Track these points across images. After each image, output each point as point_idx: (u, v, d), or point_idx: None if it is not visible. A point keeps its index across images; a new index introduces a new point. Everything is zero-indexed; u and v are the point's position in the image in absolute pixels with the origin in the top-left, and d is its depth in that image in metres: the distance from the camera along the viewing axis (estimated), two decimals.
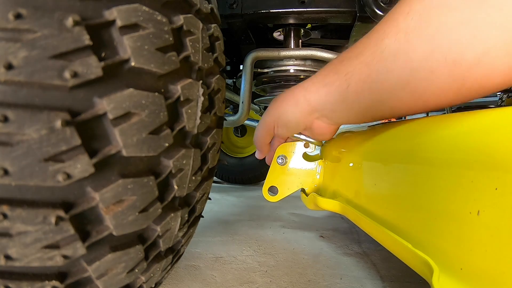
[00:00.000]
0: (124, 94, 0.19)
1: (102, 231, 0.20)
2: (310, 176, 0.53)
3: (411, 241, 0.24)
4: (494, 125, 0.20)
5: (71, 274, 0.20)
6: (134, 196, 0.20)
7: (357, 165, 0.39)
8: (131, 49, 0.19)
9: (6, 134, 0.16)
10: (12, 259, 0.18)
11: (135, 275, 0.23)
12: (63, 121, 0.17)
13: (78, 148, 0.17)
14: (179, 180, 0.23)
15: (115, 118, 0.18)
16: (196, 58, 0.23)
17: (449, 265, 0.20)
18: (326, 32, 0.69)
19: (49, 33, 0.16)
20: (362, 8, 0.49)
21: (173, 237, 0.26)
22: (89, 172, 0.18)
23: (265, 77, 0.65)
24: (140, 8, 0.19)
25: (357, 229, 0.66)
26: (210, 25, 0.27)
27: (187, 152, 0.23)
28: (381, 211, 0.31)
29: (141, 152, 0.20)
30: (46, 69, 0.16)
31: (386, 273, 0.44)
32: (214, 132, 0.27)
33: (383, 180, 0.32)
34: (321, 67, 0.63)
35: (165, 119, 0.21)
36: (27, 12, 0.16)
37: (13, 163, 0.16)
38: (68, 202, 0.18)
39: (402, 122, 0.32)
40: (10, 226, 0.17)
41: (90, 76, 0.17)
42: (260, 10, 0.53)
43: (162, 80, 0.21)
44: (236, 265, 0.46)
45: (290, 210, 0.85)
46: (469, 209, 0.19)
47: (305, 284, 0.40)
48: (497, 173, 0.18)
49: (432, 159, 0.24)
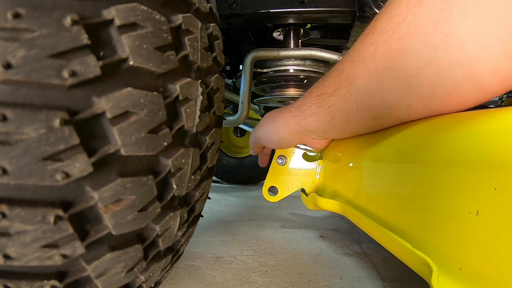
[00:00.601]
0: (123, 93, 0.19)
1: (101, 231, 0.20)
2: (310, 176, 0.53)
3: (410, 241, 0.24)
4: (494, 125, 0.20)
5: (70, 273, 0.20)
6: (133, 195, 0.20)
7: (357, 165, 0.39)
8: (129, 48, 0.19)
9: (5, 133, 0.16)
10: (11, 259, 0.18)
11: (134, 275, 0.23)
12: (61, 120, 0.17)
13: (77, 147, 0.17)
14: (178, 179, 0.23)
15: (114, 117, 0.18)
16: (195, 57, 0.23)
17: (448, 265, 0.20)
18: (325, 32, 0.68)
19: (47, 32, 0.16)
20: (362, 8, 0.49)
21: (173, 236, 0.26)
22: (87, 171, 0.18)
23: (265, 77, 0.65)
24: (139, 7, 0.19)
25: (357, 229, 0.66)
26: (209, 25, 0.27)
27: (186, 151, 0.23)
28: (380, 211, 0.31)
29: (139, 151, 0.20)
30: (44, 68, 0.16)
31: (386, 273, 0.44)
32: (213, 131, 0.27)
33: (382, 180, 0.32)
34: (321, 67, 0.63)
35: (164, 118, 0.21)
36: (26, 11, 0.16)
37: (12, 162, 0.16)
38: (67, 201, 0.18)
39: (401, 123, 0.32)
40: (9, 226, 0.17)
41: (88, 75, 0.17)
42: (260, 10, 0.53)
43: (160, 79, 0.21)
44: (236, 265, 0.46)
45: (290, 210, 0.85)
46: (468, 209, 0.19)
47: (305, 284, 0.40)
48: (496, 173, 0.18)
49: (431, 159, 0.24)
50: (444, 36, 0.22)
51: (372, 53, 0.26)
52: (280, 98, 0.72)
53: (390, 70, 0.25)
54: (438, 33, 0.22)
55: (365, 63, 0.26)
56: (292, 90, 0.67)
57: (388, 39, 0.24)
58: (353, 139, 0.42)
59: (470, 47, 0.21)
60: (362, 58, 0.27)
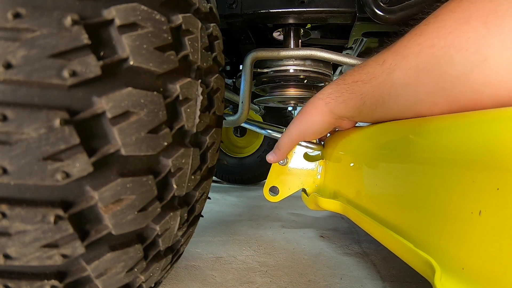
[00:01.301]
0: (123, 93, 0.19)
1: (101, 230, 0.20)
2: (311, 176, 0.53)
3: (413, 241, 0.23)
4: (496, 125, 0.20)
5: (70, 273, 0.20)
6: (133, 195, 0.20)
7: (358, 165, 0.39)
8: (129, 48, 0.19)
9: (5, 133, 0.16)
10: (11, 258, 0.18)
11: (134, 275, 0.23)
12: (61, 120, 0.17)
13: (77, 147, 0.17)
14: (178, 179, 0.23)
15: (114, 117, 0.18)
16: (195, 57, 0.23)
17: (451, 265, 0.20)
18: (325, 32, 0.68)
19: (48, 32, 0.16)
20: (362, 8, 0.49)
21: (173, 236, 0.26)
22: (88, 171, 0.18)
23: (265, 77, 0.65)
24: (139, 7, 0.19)
25: (357, 229, 0.66)
26: (209, 24, 0.27)
27: (186, 151, 0.23)
28: (382, 211, 0.31)
29: (140, 151, 0.20)
30: (45, 68, 0.16)
31: (386, 273, 0.44)
32: (214, 131, 0.27)
33: (384, 180, 0.32)
34: (321, 67, 0.63)
35: (164, 118, 0.21)
36: (26, 11, 0.16)
37: (12, 162, 0.16)
38: (67, 201, 0.18)
39: (404, 122, 0.32)
40: (9, 225, 0.17)
41: (88, 75, 0.17)
42: (260, 10, 0.53)
43: (161, 79, 0.21)
44: (236, 265, 0.46)
45: (290, 210, 0.85)
46: (471, 209, 0.19)
47: (305, 284, 0.40)
48: (498, 173, 0.18)
49: (433, 159, 0.24)
50: (482, 58, 0.25)
51: (416, 52, 0.29)
52: (280, 98, 0.72)
53: (428, 71, 0.28)
54: (478, 54, 0.25)
55: (408, 59, 0.30)
56: (292, 90, 0.67)
57: (434, 45, 0.28)
58: (354, 139, 0.42)
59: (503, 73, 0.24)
60: (406, 55, 0.30)
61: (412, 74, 0.29)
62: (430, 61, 0.28)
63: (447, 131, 0.24)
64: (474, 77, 0.25)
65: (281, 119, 1.26)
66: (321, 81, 0.67)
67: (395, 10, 0.45)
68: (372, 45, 0.65)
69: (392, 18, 0.45)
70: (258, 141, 1.33)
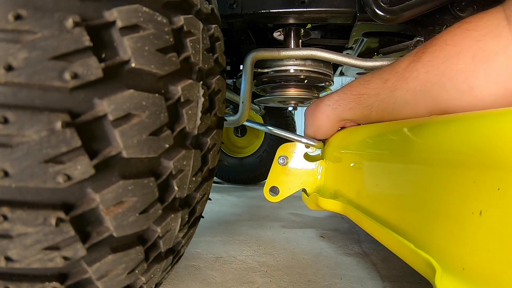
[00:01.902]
0: (125, 95, 0.19)
1: (103, 232, 0.20)
2: (311, 176, 0.53)
3: (413, 241, 0.24)
4: (497, 125, 0.20)
5: (71, 275, 0.20)
6: (134, 197, 0.20)
7: (359, 165, 0.39)
8: (131, 50, 0.19)
9: (6, 135, 0.16)
10: (12, 261, 0.18)
11: (135, 276, 0.23)
12: (63, 123, 0.17)
13: (78, 149, 0.17)
14: (179, 181, 0.23)
15: (116, 119, 0.18)
16: (196, 59, 0.23)
17: (451, 265, 0.20)
18: (326, 32, 0.68)
19: (49, 34, 0.16)
20: (362, 8, 0.49)
21: (173, 238, 0.26)
22: (89, 173, 0.18)
23: (265, 77, 0.65)
24: (140, 9, 0.19)
25: (357, 229, 0.66)
26: (210, 26, 0.26)
27: (188, 153, 0.23)
28: (383, 212, 0.31)
29: (141, 153, 0.20)
30: (46, 70, 0.16)
31: (386, 273, 0.44)
32: (215, 132, 0.27)
33: (385, 181, 0.32)
34: (321, 67, 0.63)
35: (166, 120, 0.21)
36: (27, 13, 0.16)
37: (14, 164, 0.16)
38: (69, 203, 0.18)
39: (404, 122, 0.32)
40: (11, 228, 0.17)
41: (90, 77, 0.17)
42: (260, 10, 0.52)
43: (162, 81, 0.21)
44: (236, 265, 0.46)
45: (290, 210, 0.85)
46: (472, 209, 0.19)
47: (305, 284, 0.40)
48: (499, 173, 0.18)
49: (434, 159, 0.24)
50: (470, 87, 0.30)
51: (414, 77, 0.34)
52: (280, 98, 0.72)
53: (425, 93, 0.34)
54: (466, 84, 0.30)
55: (407, 82, 0.35)
56: (293, 90, 0.67)
57: (429, 72, 0.33)
58: (355, 140, 0.42)
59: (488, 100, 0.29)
60: (406, 78, 0.35)
61: (411, 94, 0.35)
62: (426, 85, 0.33)
63: (448, 131, 0.24)
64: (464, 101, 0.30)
65: (281, 119, 1.26)
66: (322, 81, 0.67)
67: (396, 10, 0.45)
68: (372, 45, 0.65)
69: (392, 18, 0.45)
70: (258, 141, 1.33)
